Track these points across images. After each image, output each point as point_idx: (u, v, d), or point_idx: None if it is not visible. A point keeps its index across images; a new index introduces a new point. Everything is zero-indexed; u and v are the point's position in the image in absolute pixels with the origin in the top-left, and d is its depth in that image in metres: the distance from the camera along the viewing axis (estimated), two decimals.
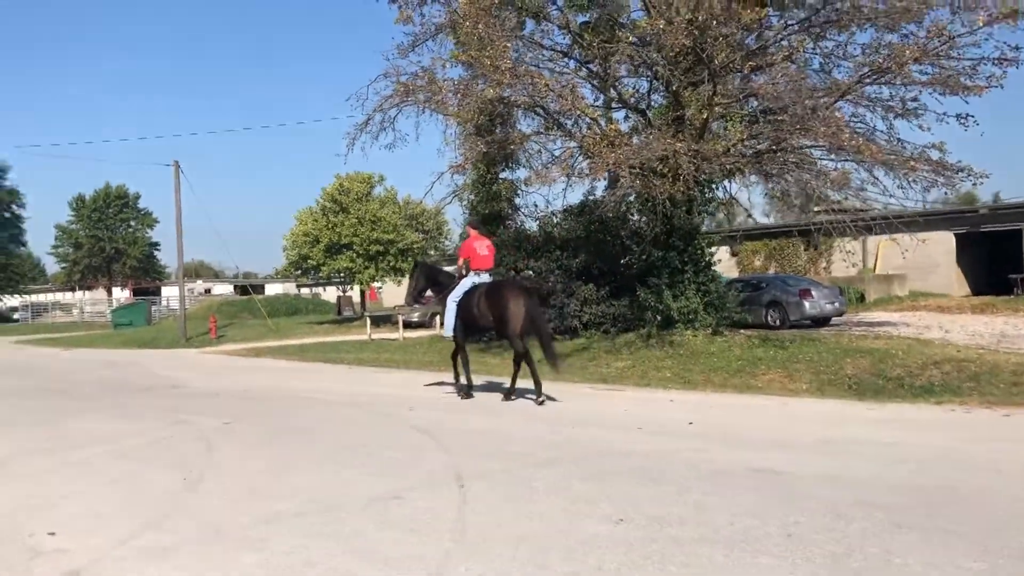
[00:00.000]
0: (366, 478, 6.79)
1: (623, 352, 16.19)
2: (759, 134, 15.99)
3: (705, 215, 18.66)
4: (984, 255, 33.51)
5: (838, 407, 10.59)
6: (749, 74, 16.26)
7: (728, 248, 33.80)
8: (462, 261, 12.42)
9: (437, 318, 22.83)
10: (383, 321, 31.82)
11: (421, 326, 30.33)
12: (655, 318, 16.92)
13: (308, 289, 71.12)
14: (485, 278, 12.23)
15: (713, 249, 18.41)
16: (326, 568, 4.61)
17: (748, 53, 15.63)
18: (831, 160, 16.03)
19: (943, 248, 31.82)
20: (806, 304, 21.69)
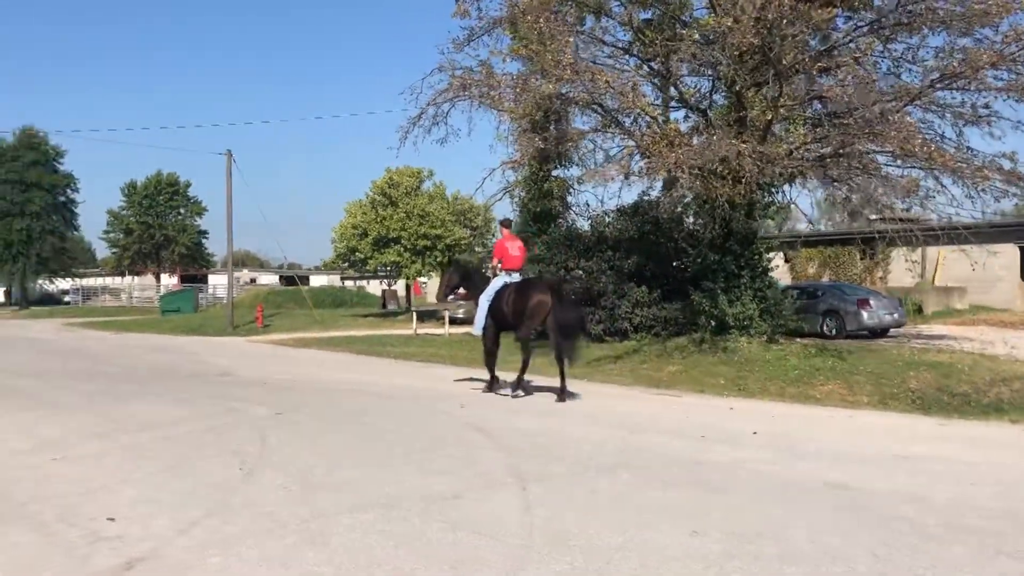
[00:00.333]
0: (423, 475, 6.66)
1: (675, 357, 15.91)
2: (824, 137, 15.59)
3: (765, 219, 18.28)
4: None
5: (905, 422, 10.24)
6: (815, 76, 15.88)
7: (782, 254, 33.21)
8: (496, 261, 12.59)
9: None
10: (427, 316, 31.84)
11: (467, 322, 30.24)
12: (709, 323, 16.61)
13: (352, 282, 71.65)
14: (516, 277, 12.43)
15: (771, 254, 18.04)
16: (392, 569, 4.47)
17: (816, 54, 15.25)
18: (896, 166, 15.62)
19: (1006, 261, 30.85)
20: (864, 314, 21.17)
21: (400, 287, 49.05)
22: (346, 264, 39.09)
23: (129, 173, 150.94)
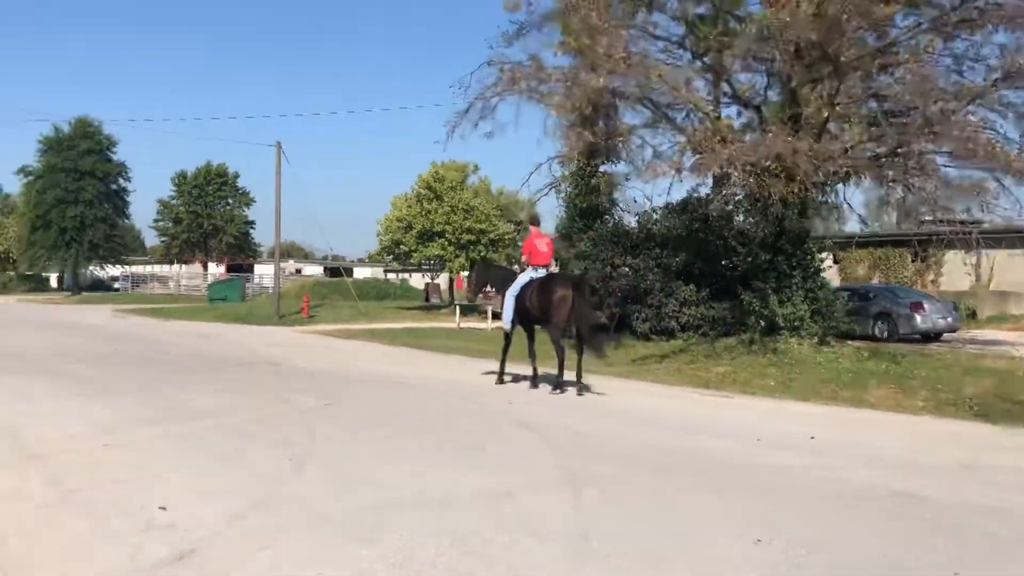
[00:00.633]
0: (474, 472, 6.51)
1: (723, 357, 15.59)
2: (880, 136, 15.15)
3: (818, 219, 17.83)
4: None
5: (966, 429, 9.85)
6: (873, 73, 15.43)
7: (831, 255, 32.53)
8: (524, 257, 12.87)
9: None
10: (470, 310, 31.74)
11: None
12: (758, 323, 16.24)
13: (395, 275, 71.95)
14: (542, 273, 12.62)
15: (823, 255, 17.60)
16: (446, 568, 4.33)
17: (875, 51, 14.80)
18: (953, 167, 15.13)
19: None
20: (918, 318, 20.62)
21: (443, 281, 49.08)
22: (390, 257, 39.14)
23: (179, 163, 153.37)
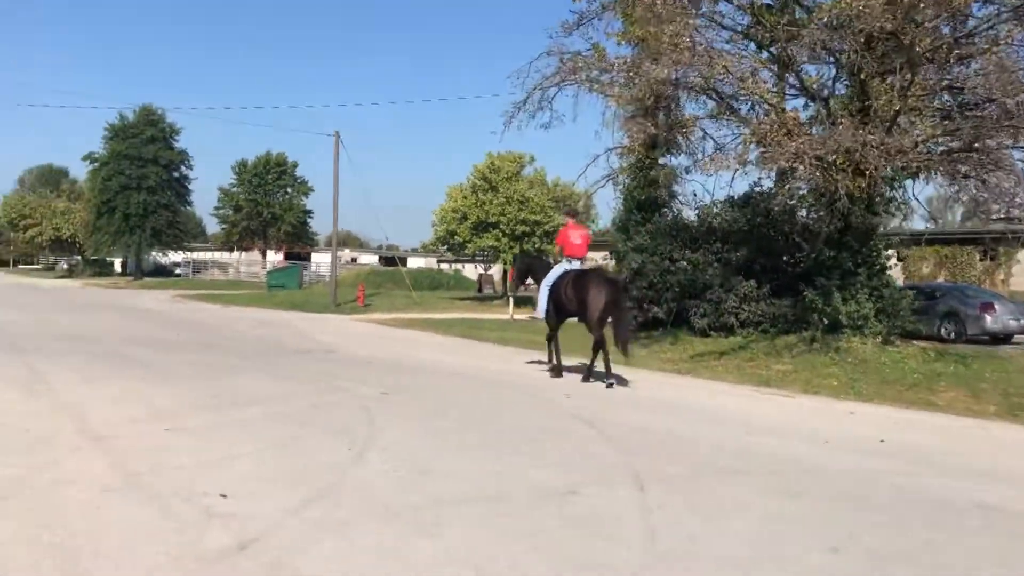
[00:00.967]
0: (535, 467, 6.37)
1: (784, 355, 15.18)
2: (955, 130, 14.56)
3: (886, 215, 17.28)
4: None
5: None
6: (949, 64, 14.84)
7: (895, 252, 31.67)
8: (558, 248, 13.21)
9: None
10: (523, 302, 31.59)
11: None
12: (821, 321, 15.77)
13: (448, 265, 72.16)
14: (576, 265, 12.89)
15: (889, 252, 17.05)
16: (509, 565, 4.20)
17: (953, 40, 14.22)
18: None
19: None
20: (988, 318, 19.91)
21: (496, 272, 49.05)
22: (445, 247, 39.18)
23: (240, 152, 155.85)
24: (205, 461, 6.17)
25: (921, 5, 12.84)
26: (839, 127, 13.71)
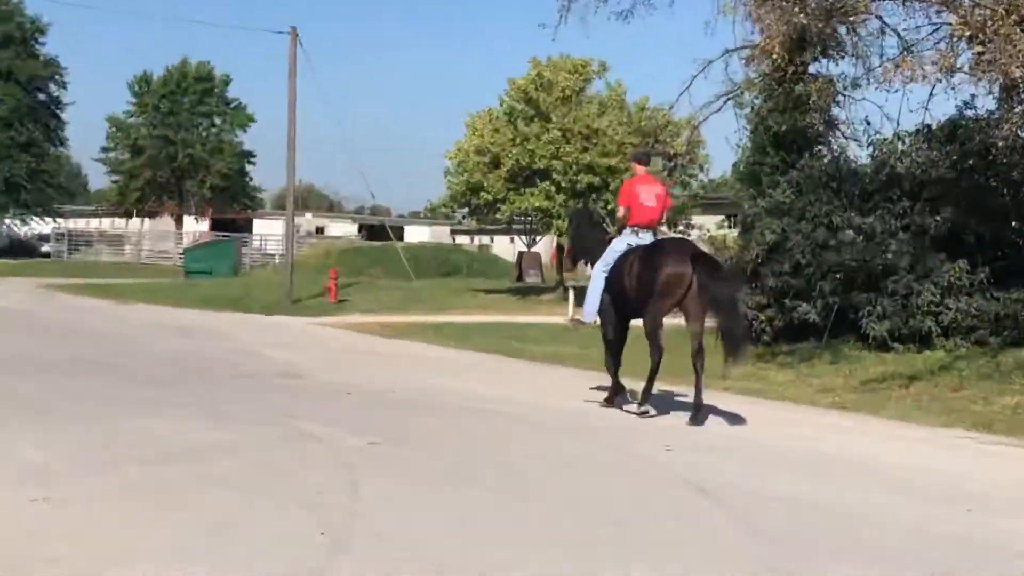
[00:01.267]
0: (622, 571, 6.14)
1: (1016, 380, 14.91)
2: None
3: None
4: None
5: None
6: None
7: None
8: (621, 211, 13.27)
9: None
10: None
11: None
12: None
13: (470, 238, 72.45)
14: (647, 238, 12.84)
15: None
16: None
17: None
18: None
19: None
20: None
21: (544, 249, 48.96)
22: (464, 211, 39.20)
23: (142, 63, 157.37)
24: (90, 556, 6.04)
25: None
26: None
